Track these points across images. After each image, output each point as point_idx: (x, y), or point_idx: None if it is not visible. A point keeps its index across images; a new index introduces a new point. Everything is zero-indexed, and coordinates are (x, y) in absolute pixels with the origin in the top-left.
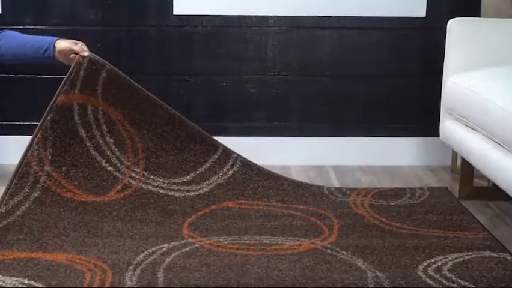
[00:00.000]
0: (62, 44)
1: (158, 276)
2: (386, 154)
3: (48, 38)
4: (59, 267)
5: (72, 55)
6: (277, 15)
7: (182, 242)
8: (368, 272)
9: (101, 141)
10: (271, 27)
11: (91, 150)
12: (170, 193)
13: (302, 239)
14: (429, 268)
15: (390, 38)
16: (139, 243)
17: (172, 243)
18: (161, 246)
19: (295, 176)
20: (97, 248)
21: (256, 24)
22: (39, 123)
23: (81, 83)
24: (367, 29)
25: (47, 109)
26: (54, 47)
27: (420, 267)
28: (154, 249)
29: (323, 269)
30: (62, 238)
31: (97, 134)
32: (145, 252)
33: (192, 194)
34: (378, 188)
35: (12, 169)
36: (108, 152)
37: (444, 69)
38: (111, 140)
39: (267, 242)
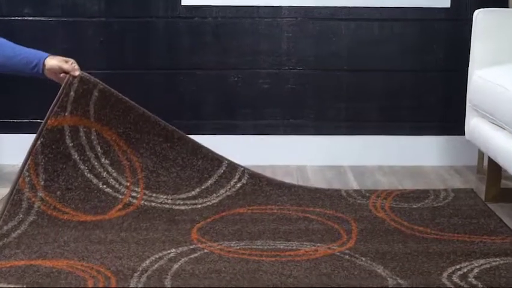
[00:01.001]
0: (52, 61)
1: (166, 283)
2: (408, 153)
3: (38, 54)
4: (60, 274)
5: (62, 74)
6: (292, 5)
7: (191, 247)
8: (388, 279)
9: (96, 163)
10: (285, 18)
11: (85, 173)
12: (176, 207)
13: (318, 244)
14: (454, 275)
15: (412, 30)
16: (144, 249)
17: (180, 249)
18: (169, 251)
19: (311, 177)
20: (99, 254)
21: (269, 15)
22: (29, 149)
23: (72, 104)
24: (387, 21)
25: (37, 134)
26: (43, 64)
27: (445, 274)
28: (160, 254)
29: (340, 276)
30: (63, 248)
31: (91, 156)
32: (151, 258)
33: (200, 206)
34: (399, 190)
35: (8, 170)
36: (104, 174)
37: (469, 63)
38: (107, 162)
39: (281, 247)
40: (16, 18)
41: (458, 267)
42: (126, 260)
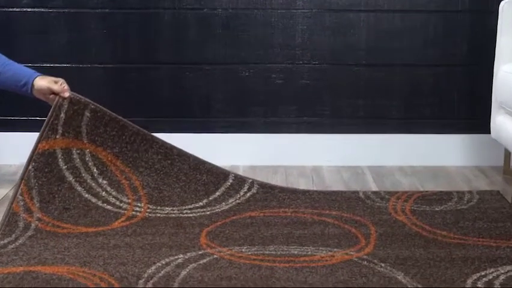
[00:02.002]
0: (41, 82)
1: None
2: (430, 153)
3: (28, 72)
4: (60, 280)
5: (52, 95)
6: None
7: (200, 252)
8: (409, 286)
9: (93, 184)
10: (299, 9)
11: (83, 193)
12: (183, 215)
13: (335, 250)
14: (479, 282)
15: (434, 22)
16: (150, 254)
17: (188, 254)
18: (176, 257)
19: (327, 178)
20: (102, 259)
21: (283, 6)
22: (20, 174)
23: (63, 127)
24: (408, 12)
25: (28, 158)
26: (32, 85)
27: (469, 281)
28: (167, 260)
29: (358, 283)
30: (64, 253)
31: (87, 177)
32: (157, 264)
33: (209, 212)
34: (421, 192)
35: (5, 170)
36: (103, 193)
37: (495, 57)
38: (104, 182)
39: (296, 252)
40: (14, 9)
41: (483, 273)
42: (131, 266)
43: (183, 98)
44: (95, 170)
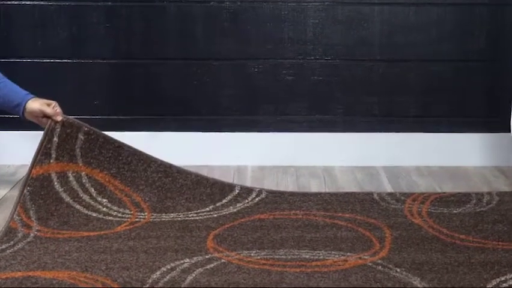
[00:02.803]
0: (33, 105)
1: None
2: (448, 153)
3: (22, 93)
4: (61, 285)
5: (44, 118)
6: None
7: (207, 256)
8: None
9: (92, 202)
10: (311, 2)
11: (82, 210)
12: (189, 218)
13: (348, 254)
14: None
15: (451, 15)
16: (155, 258)
17: (195, 258)
18: (182, 261)
19: (340, 179)
20: (105, 264)
21: None
22: (16, 199)
23: (56, 151)
24: (424, 5)
25: (22, 183)
26: (24, 108)
27: (488, 287)
28: (173, 265)
29: None
30: (64, 257)
31: (85, 197)
32: (163, 269)
33: (216, 215)
34: (438, 193)
35: (5, 170)
36: (104, 209)
37: None
38: (104, 200)
39: (307, 257)
40: (12, 2)
41: (503, 279)
42: (134, 271)
43: (189, 95)
44: (93, 191)
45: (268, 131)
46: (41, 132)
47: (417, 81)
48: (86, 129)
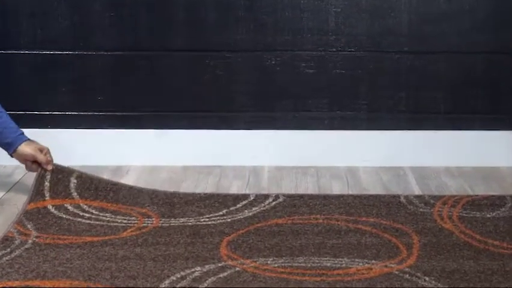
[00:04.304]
0: (26, 149)
1: None
2: (480, 152)
3: (16, 133)
4: None
5: (33, 165)
6: None
7: (220, 264)
8: None
9: (93, 217)
10: None
11: (84, 221)
12: (201, 223)
13: (373, 261)
14: None
15: (486, 4)
16: (163, 267)
17: (207, 266)
18: (193, 269)
19: (364, 180)
20: (109, 273)
21: None
22: (10, 224)
23: (50, 191)
24: None
25: (17, 214)
26: (15, 150)
27: None
28: (183, 273)
29: None
30: (65, 265)
31: (87, 217)
32: (172, 278)
33: (230, 220)
34: (470, 196)
35: (1, 171)
36: (108, 218)
37: None
38: (107, 214)
39: (328, 265)
40: None
41: None
42: (141, 280)
43: (200, 89)
44: (94, 212)
45: (287, 129)
46: (39, 130)
47: (447, 74)
48: (78, 173)
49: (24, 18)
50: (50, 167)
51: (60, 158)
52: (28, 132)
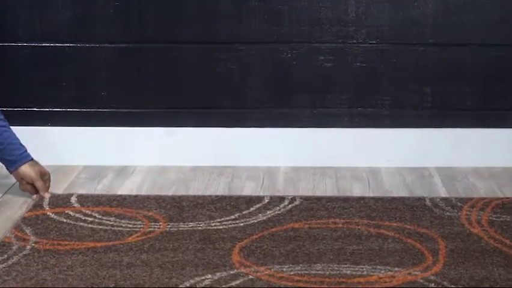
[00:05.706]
0: (28, 171)
1: None
2: (511, 152)
3: (20, 150)
4: None
5: (29, 186)
6: None
7: (232, 272)
8: None
9: (96, 221)
10: None
11: (86, 225)
12: (212, 228)
13: (396, 269)
14: None
15: None
16: (171, 274)
17: (218, 274)
18: (203, 277)
19: (386, 182)
20: (113, 281)
21: None
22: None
23: (49, 205)
24: None
25: (15, 220)
26: (16, 167)
27: None
28: (192, 282)
29: None
30: (66, 273)
31: (89, 221)
32: (180, 286)
33: (242, 224)
34: (500, 198)
35: None
36: (112, 223)
37: None
38: (111, 218)
39: (348, 272)
40: None
41: None
42: None
43: (211, 84)
44: (97, 215)
45: (304, 127)
46: (38, 128)
47: (475, 68)
48: (77, 194)
49: (22, 9)
50: (47, 196)
51: (61, 158)
52: (26, 130)
